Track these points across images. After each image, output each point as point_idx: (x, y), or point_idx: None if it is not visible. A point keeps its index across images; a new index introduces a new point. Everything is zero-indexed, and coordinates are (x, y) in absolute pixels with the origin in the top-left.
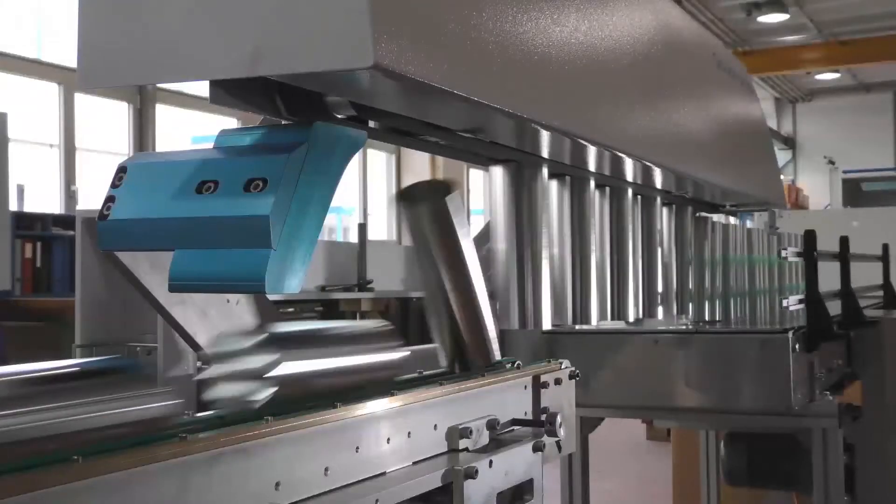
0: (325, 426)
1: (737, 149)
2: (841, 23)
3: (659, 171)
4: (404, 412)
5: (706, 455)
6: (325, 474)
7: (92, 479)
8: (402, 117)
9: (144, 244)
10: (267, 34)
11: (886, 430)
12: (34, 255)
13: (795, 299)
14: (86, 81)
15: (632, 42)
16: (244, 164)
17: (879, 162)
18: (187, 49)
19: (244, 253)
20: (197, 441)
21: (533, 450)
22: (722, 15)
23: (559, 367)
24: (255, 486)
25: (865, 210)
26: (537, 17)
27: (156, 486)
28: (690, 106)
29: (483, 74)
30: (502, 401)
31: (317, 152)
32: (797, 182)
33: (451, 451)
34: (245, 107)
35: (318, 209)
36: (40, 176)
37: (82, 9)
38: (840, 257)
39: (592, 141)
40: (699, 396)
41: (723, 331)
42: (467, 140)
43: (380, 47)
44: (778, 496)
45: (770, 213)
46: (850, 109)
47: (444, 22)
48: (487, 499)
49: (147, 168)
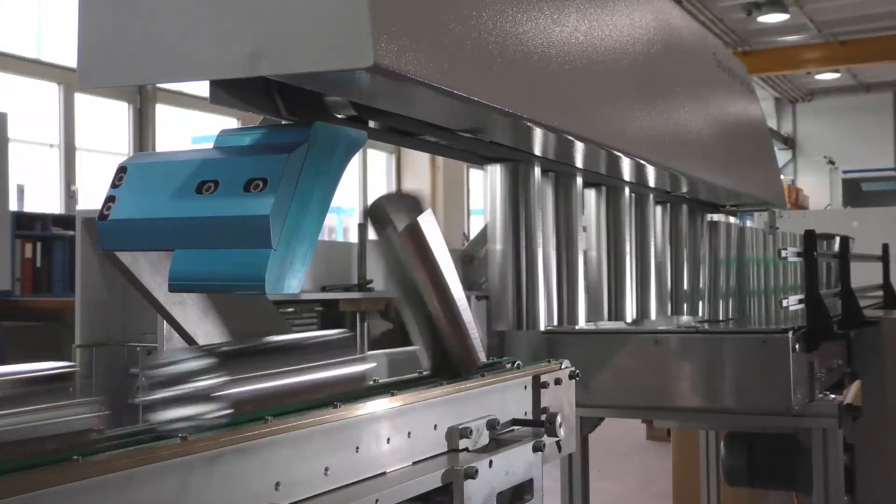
0: (325, 426)
1: (737, 149)
2: (841, 23)
3: (658, 171)
4: (404, 412)
5: (706, 455)
6: (325, 474)
7: (92, 479)
8: (402, 117)
9: (144, 244)
10: (267, 34)
11: (886, 430)
12: (34, 255)
13: (795, 299)
14: (86, 81)
15: (632, 42)
16: (244, 164)
17: (879, 162)
18: (187, 49)
19: (244, 253)
20: (197, 441)
21: (533, 450)
22: (722, 15)
23: (559, 367)
24: (255, 486)
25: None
26: (537, 17)
27: (156, 486)
28: (690, 106)
29: (483, 74)
30: (502, 401)
31: (317, 152)
32: (797, 182)
33: (451, 451)
34: (245, 107)
35: (318, 209)
36: (40, 176)
37: (82, 9)
38: (840, 257)
39: (592, 141)
40: (699, 396)
41: (723, 331)
42: (467, 140)
43: (380, 47)
44: (778, 496)
45: (770, 213)
46: (850, 109)
47: (444, 22)
48: (487, 499)
49: (147, 168)
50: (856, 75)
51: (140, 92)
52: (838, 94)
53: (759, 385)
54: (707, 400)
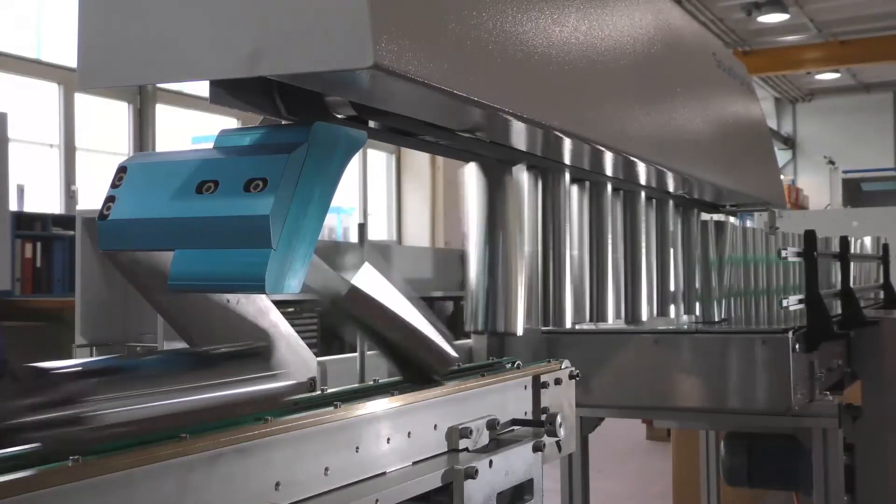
0: (325, 426)
1: (737, 149)
2: (841, 23)
3: (659, 171)
4: (404, 412)
5: (706, 455)
6: (325, 474)
7: (92, 479)
8: (402, 117)
9: (144, 244)
10: (267, 34)
11: (886, 430)
12: (34, 255)
13: (795, 299)
14: (86, 81)
15: (632, 42)
16: (244, 164)
17: (879, 162)
18: (187, 49)
19: (244, 253)
20: (197, 441)
21: (533, 450)
22: (722, 15)
23: (559, 367)
24: (255, 486)
25: (865, 210)
26: (537, 17)
27: (156, 486)
28: (690, 106)
29: (483, 74)
30: (502, 401)
31: (317, 152)
32: (797, 182)
33: (451, 451)
34: (245, 107)
35: (319, 209)
36: (40, 176)
37: (82, 9)
38: (840, 257)
39: (592, 140)
40: (699, 396)
41: (723, 331)
42: (467, 140)
43: (380, 47)
44: (778, 496)
45: (770, 213)
46: (850, 109)
47: (445, 22)
48: (487, 499)
49: (147, 168)
50: (856, 75)
51: (140, 92)
52: (838, 94)
53: (759, 385)
54: (707, 400)
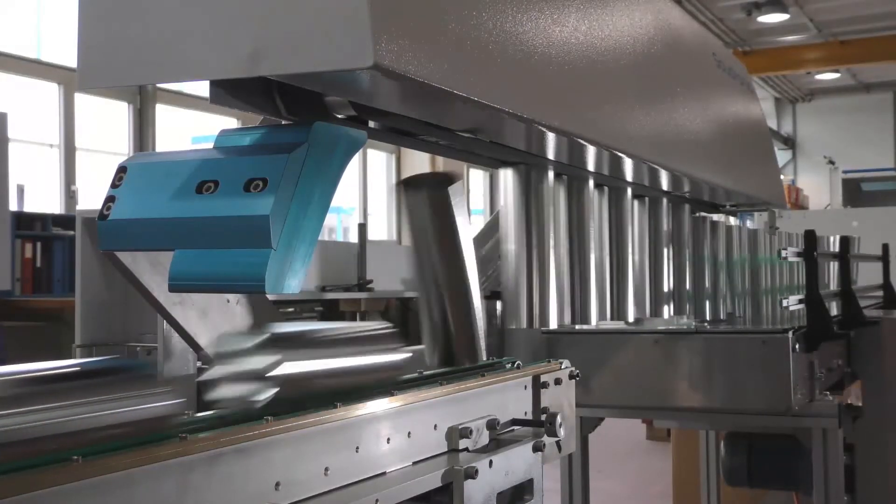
0: (325, 426)
1: (737, 149)
2: (841, 23)
3: (659, 171)
4: (404, 412)
5: (706, 455)
6: (325, 474)
7: (92, 479)
8: (402, 117)
9: (144, 244)
10: (267, 34)
11: (886, 430)
12: (34, 255)
13: (795, 299)
14: (86, 81)
15: (632, 42)
16: (244, 164)
17: (879, 162)
18: (187, 49)
19: (244, 253)
20: (197, 441)
21: (533, 450)
22: (722, 15)
23: (559, 367)
24: (255, 486)
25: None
26: (537, 17)
27: (156, 486)
28: (690, 106)
29: (483, 74)
30: (502, 401)
31: (317, 152)
32: (797, 182)
33: (451, 451)
34: (245, 107)
35: (319, 209)
36: (40, 176)
37: (82, 9)
38: (840, 257)
39: (593, 141)
40: (699, 396)
41: (723, 331)
42: (468, 140)
43: (380, 47)
44: (778, 496)
45: (770, 213)
46: (850, 109)
47: (445, 22)
48: (487, 499)
49: (147, 168)
50: (856, 75)
51: (140, 92)
52: (838, 94)
53: (759, 385)
54: (707, 400)
